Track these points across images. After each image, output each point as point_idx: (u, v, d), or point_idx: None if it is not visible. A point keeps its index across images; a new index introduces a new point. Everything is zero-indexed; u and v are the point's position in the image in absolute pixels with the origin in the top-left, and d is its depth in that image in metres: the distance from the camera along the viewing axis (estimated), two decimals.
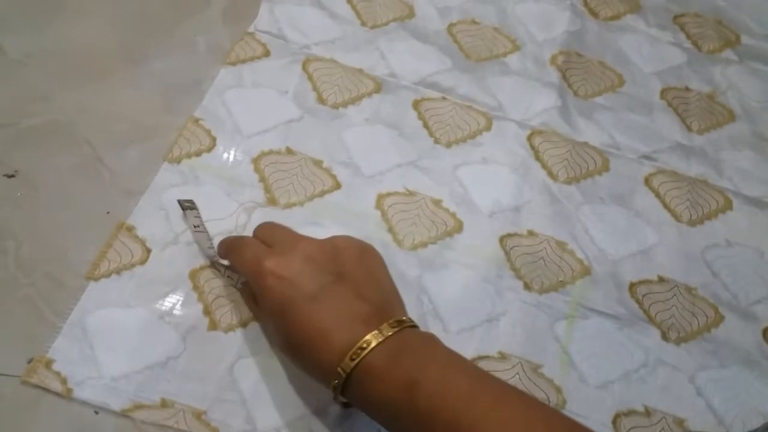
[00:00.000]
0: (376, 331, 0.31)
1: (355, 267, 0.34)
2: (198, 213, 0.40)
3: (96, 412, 0.34)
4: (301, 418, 0.35)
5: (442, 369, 0.31)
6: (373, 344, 0.31)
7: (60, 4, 0.50)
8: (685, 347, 0.41)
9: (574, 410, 0.38)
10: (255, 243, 0.37)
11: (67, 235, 0.40)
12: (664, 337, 0.41)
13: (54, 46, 0.48)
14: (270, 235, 0.37)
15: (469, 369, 0.32)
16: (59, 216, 0.41)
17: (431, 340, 0.33)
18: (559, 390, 0.38)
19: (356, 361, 0.30)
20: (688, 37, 0.57)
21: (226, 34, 0.50)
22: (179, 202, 0.40)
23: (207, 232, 0.40)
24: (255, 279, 0.34)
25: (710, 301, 0.43)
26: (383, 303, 0.34)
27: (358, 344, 0.31)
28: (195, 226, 0.40)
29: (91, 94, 0.46)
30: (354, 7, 0.54)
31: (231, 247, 0.38)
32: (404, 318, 0.33)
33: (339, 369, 0.31)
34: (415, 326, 0.33)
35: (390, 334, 0.31)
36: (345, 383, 0.31)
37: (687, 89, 0.54)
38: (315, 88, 0.48)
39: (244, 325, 0.38)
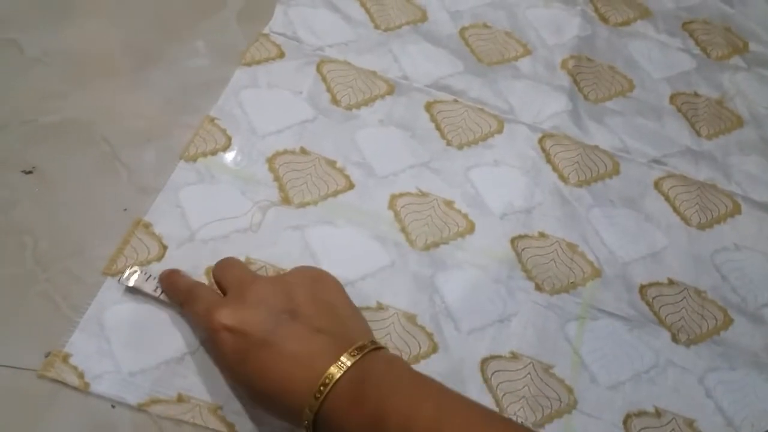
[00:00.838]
0: (337, 363, 0.30)
1: (307, 300, 0.34)
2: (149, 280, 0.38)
3: (113, 406, 0.35)
4: None
5: (407, 398, 0.30)
6: (337, 377, 0.30)
7: (77, 4, 0.51)
8: (695, 349, 0.41)
9: (585, 410, 0.38)
10: (207, 292, 0.36)
11: (84, 231, 0.40)
12: (674, 339, 0.42)
13: (71, 45, 0.48)
14: (222, 278, 0.37)
15: (435, 394, 0.31)
16: (76, 212, 0.41)
17: (395, 363, 0.32)
18: (570, 390, 0.39)
19: (320, 399, 0.30)
20: (697, 43, 0.58)
21: (241, 36, 0.51)
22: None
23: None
24: (209, 335, 0.34)
25: (719, 303, 0.43)
26: (341, 332, 0.33)
27: (320, 381, 0.30)
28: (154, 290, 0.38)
29: (108, 92, 0.46)
30: (367, 10, 0.54)
31: (185, 298, 0.36)
32: (365, 343, 0.32)
33: (306, 410, 0.30)
34: (379, 347, 0.32)
35: (351, 363, 0.30)
36: (315, 422, 0.30)
37: (696, 95, 0.54)
38: (329, 90, 0.49)
39: None
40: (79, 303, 0.38)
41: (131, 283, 0.38)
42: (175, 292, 0.37)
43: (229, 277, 0.36)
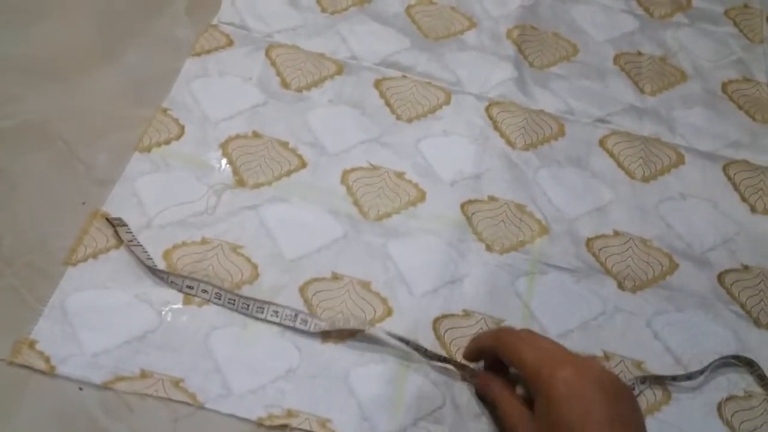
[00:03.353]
0: None
1: (635, 416, 0.33)
2: (129, 229, 0.41)
3: (80, 389, 0.36)
4: (274, 381, 0.37)
5: None
6: None
7: (25, 9, 0.52)
8: (641, 295, 0.43)
9: None
10: (534, 342, 0.36)
11: (46, 226, 0.42)
12: (621, 286, 0.43)
13: (23, 49, 0.50)
14: (539, 339, 0.36)
15: None
16: (37, 209, 0.42)
17: None
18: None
19: None
20: (640, 4, 0.59)
21: (190, 28, 0.52)
22: (108, 220, 0.41)
23: (141, 245, 0.41)
24: (543, 384, 0.33)
25: (665, 251, 0.45)
26: None
27: None
28: (129, 241, 0.41)
29: (62, 92, 0.48)
30: None
31: (506, 340, 0.36)
32: None
33: None
34: None
35: None
36: None
37: (639, 54, 0.56)
38: (278, 74, 0.50)
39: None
40: (43, 293, 0.39)
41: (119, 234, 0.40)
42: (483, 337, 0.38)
43: (548, 343, 0.36)
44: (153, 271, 0.40)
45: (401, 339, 0.39)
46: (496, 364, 0.38)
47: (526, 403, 0.35)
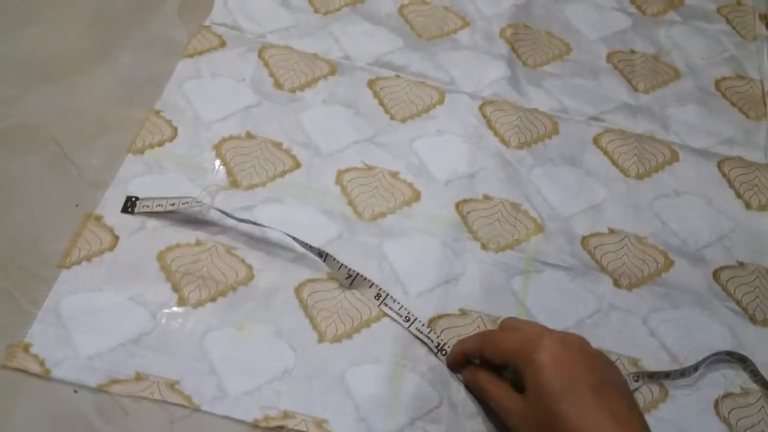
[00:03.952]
0: None
1: (619, 378, 0.35)
2: (147, 201, 0.42)
3: (75, 391, 0.36)
4: (269, 382, 0.37)
5: None
6: None
7: (18, 11, 0.52)
8: (637, 292, 0.43)
9: None
10: (518, 332, 0.36)
11: (39, 229, 0.42)
12: (616, 284, 0.43)
13: (16, 52, 0.49)
14: (526, 325, 0.37)
15: None
16: (31, 212, 0.42)
17: None
18: None
19: None
20: (632, 2, 0.59)
21: (183, 29, 0.52)
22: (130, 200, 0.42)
23: (166, 197, 0.42)
24: (528, 358, 0.34)
25: (660, 248, 0.45)
26: (645, 428, 0.33)
27: None
28: (159, 206, 0.42)
29: (55, 94, 0.47)
30: None
31: (490, 335, 0.38)
32: None
33: None
34: None
35: None
36: None
37: (632, 52, 0.56)
38: (271, 74, 0.50)
39: (212, 299, 0.40)
40: (37, 296, 0.39)
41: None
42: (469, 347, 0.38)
43: (531, 323, 0.38)
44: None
45: (407, 315, 0.40)
46: (484, 364, 0.38)
47: (517, 388, 0.35)
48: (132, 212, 0.42)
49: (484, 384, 0.37)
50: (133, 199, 0.42)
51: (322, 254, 0.40)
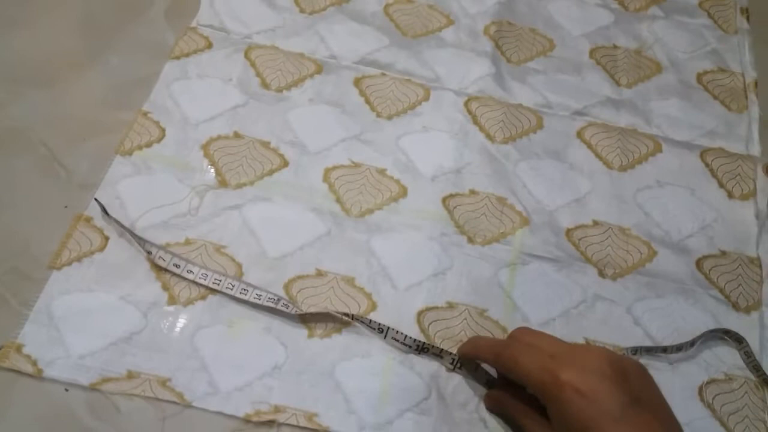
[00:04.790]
0: None
1: (647, 389, 0.34)
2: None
3: (66, 390, 0.36)
4: (260, 378, 0.38)
5: None
6: None
7: (7, 17, 0.52)
8: (621, 282, 0.44)
9: None
10: (532, 350, 0.36)
11: (29, 231, 0.42)
12: (601, 274, 0.44)
13: (4, 57, 0.50)
14: (540, 341, 0.36)
15: None
16: (21, 214, 0.43)
17: None
18: (504, 330, 0.41)
19: None
20: None
21: (169, 31, 0.52)
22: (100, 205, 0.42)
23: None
24: (548, 390, 0.34)
25: (643, 238, 0.46)
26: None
27: None
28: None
29: (43, 98, 0.48)
30: None
31: (504, 354, 0.37)
32: None
33: None
34: None
35: None
36: None
37: (615, 47, 0.57)
38: (258, 74, 0.51)
39: (202, 297, 0.40)
40: (28, 297, 0.39)
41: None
42: (483, 349, 0.38)
43: (546, 339, 0.36)
44: (140, 241, 0.41)
45: (379, 326, 0.40)
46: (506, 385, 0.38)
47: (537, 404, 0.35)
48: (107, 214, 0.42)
49: (517, 416, 0.37)
50: (102, 208, 0.42)
51: (348, 316, 0.40)
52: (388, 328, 0.40)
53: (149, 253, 0.40)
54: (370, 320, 0.40)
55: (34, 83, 0.48)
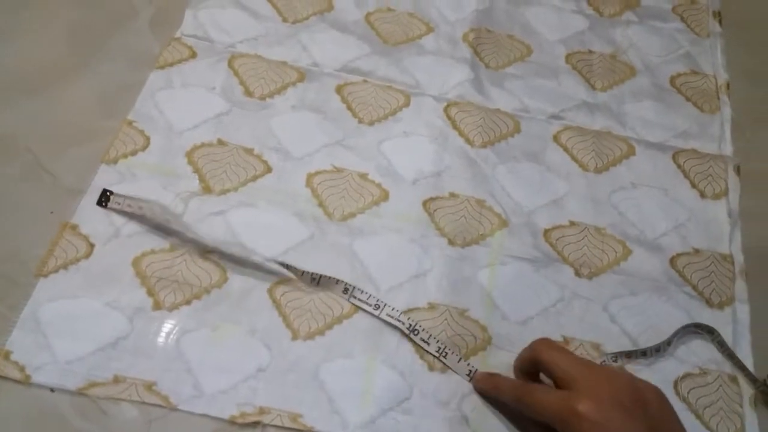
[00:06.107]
0: None
1: (663, 417, 0.35)
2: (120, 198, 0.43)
3: (52, 390, 0.37)
4: (245, 380, 0.38)
5: None
6: None
7: None
8: (597, 281, 0.45)
9: (499, 345, 0.41)
10: (543, 386, 0.37)
11: (15, 236, 0.43)
12: (577, 273, 0.45)
13: None
14: (558, 365, 0.37)
15: None
16: (6, 220, 0.43)
17: None
18: (484, 329, 0.42)
19: None
20: (590, 4, 0.62)
21: (154, 42, 0.53)
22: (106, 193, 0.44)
23: (138, 199, 0.43)
24: (566, 424, 0.34)
25: (618, 238, 0.47)
26: None
27: None
28: (129, 206, 0.43)
29: (29, 107, 0.48)
30: (274, 5, 0.57)
31: (520, 393, 0.38)
32: None
33: None
34: None
35: None
36: None
37: (590, 52, 0.58)
38: (242, 83, 0.52)
39: (187, 302, 0.41)
40: (15, 303, 0.40)
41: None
42: (504, 390, 0.39)
43: (563, 365, 0.36)
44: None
45: (377, 302, 0.41)
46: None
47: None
48: (105, 206, 0.43)
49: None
50: (108, 193, 0.44)
51: (283, 265, 0.42)
52: (385, 304, 0.41)
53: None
54: (369, 294, 0.42)
55: (21, 91, 0.49)
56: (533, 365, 0.38)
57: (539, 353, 0.38)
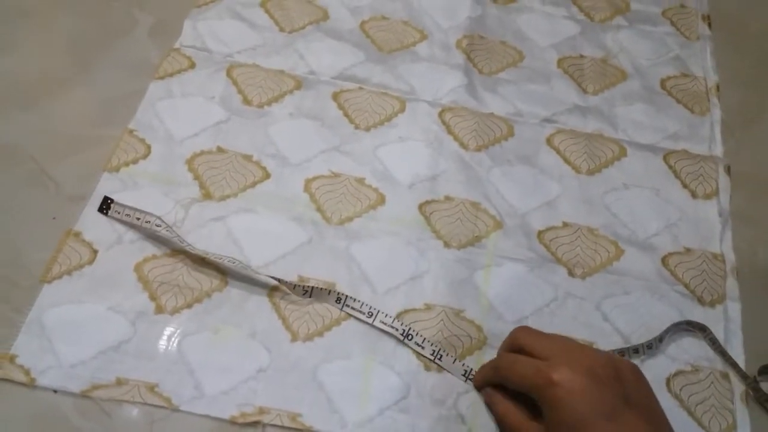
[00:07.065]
0: None
1: (639, 391, 0.36)
2: (120, 207, 0.44)
3: (55, 391, 0.38)
4: (245, 381, 0.39)
5: None
6: None
7: None
8: (590, 280, 0.46)
9: (493, 344, 0.42)
10: (526, 358, 0.38)
11: (20, 241, 0.44)
12: (571, 273, 0.46)
13: None
14: (536, 345, 0.38)
15: None
16: (11, 225, 0.44)
17: None
18: (479, 329, 0.43)
19: None
20: (581, 10, 0.63)
21: (154, 52, 0.55)
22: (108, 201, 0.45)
23: (136, 210, 0.44)
24: (542, 391, 0.35)
25: (611, 238, 0.48)
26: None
27: None
28: (128, 215, 0.44)
29: (34, 116, 0.50)
30: (272, 16, 0.58)
31: (501, 366, 0.39)
32: None
33: None
34: None
35: None
36: None
37: (581, 56, 0.59)
38: (240, 91, 0.53)
39: (188, 306, 0.42)
40: (19, 306, 0.41)
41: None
42: (481, 369, 0.40)
43: (545, 342, 0.38)
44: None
45: (369, 310, 0.42)
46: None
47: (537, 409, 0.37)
48: (105, 213, 0.44)
49: (502, 413, 0.39)
50: (109, 201, 0.45)
51: (275, 279, 0.43)
52: (378, 311, 0.42)
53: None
54: (362, 303, 0.42)
55: (23, 101, 0.50)
56: (515, 351, 0.39)
57: (519, 339, 0.39)
